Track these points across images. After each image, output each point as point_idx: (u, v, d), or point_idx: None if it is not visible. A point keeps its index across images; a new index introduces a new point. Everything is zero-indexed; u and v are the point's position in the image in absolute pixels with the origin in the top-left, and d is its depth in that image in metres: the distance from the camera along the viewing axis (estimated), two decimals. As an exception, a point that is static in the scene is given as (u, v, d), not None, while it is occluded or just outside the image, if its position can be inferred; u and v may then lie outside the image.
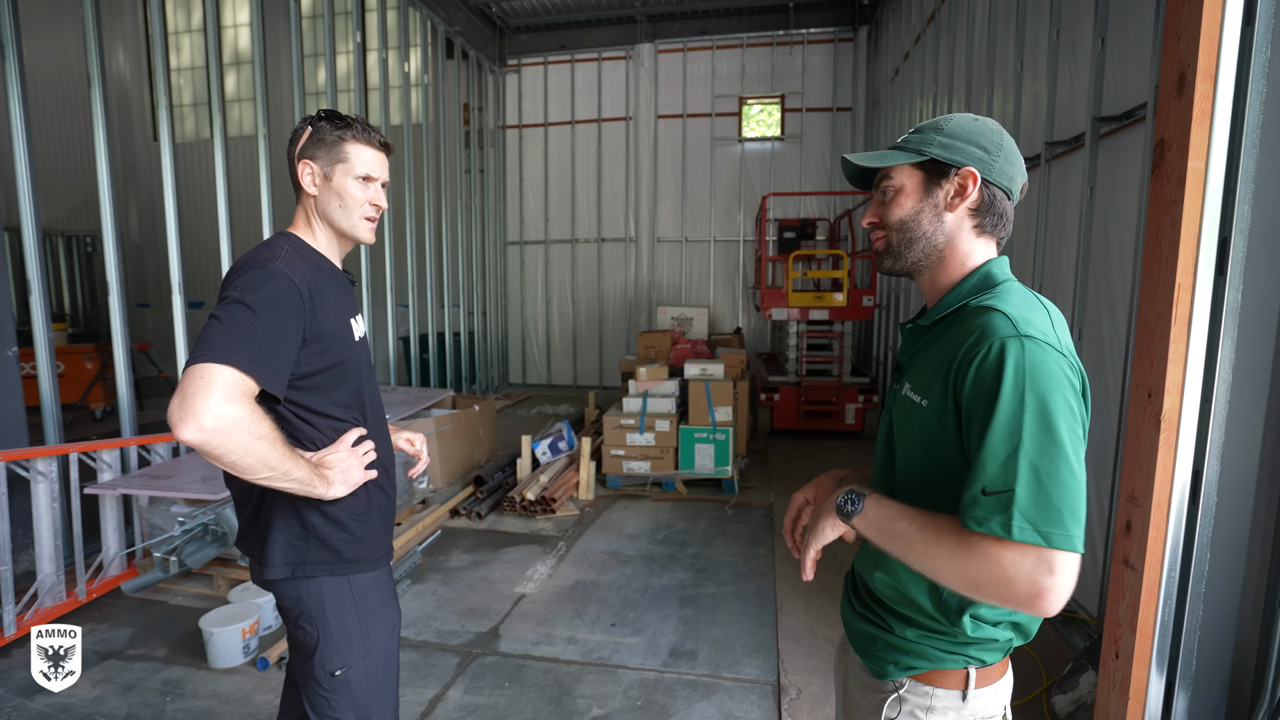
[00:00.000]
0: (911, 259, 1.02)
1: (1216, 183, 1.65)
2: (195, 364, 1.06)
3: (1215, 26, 1.61)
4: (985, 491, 0.81)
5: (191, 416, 1.02)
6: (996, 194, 0.98)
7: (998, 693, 0.99)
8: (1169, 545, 1.79)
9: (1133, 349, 2.57)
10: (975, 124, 0.99)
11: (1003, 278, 0.98)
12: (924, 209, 1.00)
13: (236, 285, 1.15)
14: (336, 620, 1.35)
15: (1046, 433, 0.81)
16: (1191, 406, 1.73)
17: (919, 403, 0.96)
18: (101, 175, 3.95)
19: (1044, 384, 0.82)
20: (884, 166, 1.01)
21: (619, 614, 3.21)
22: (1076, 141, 3.14)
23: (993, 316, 0.88)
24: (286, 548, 1.32)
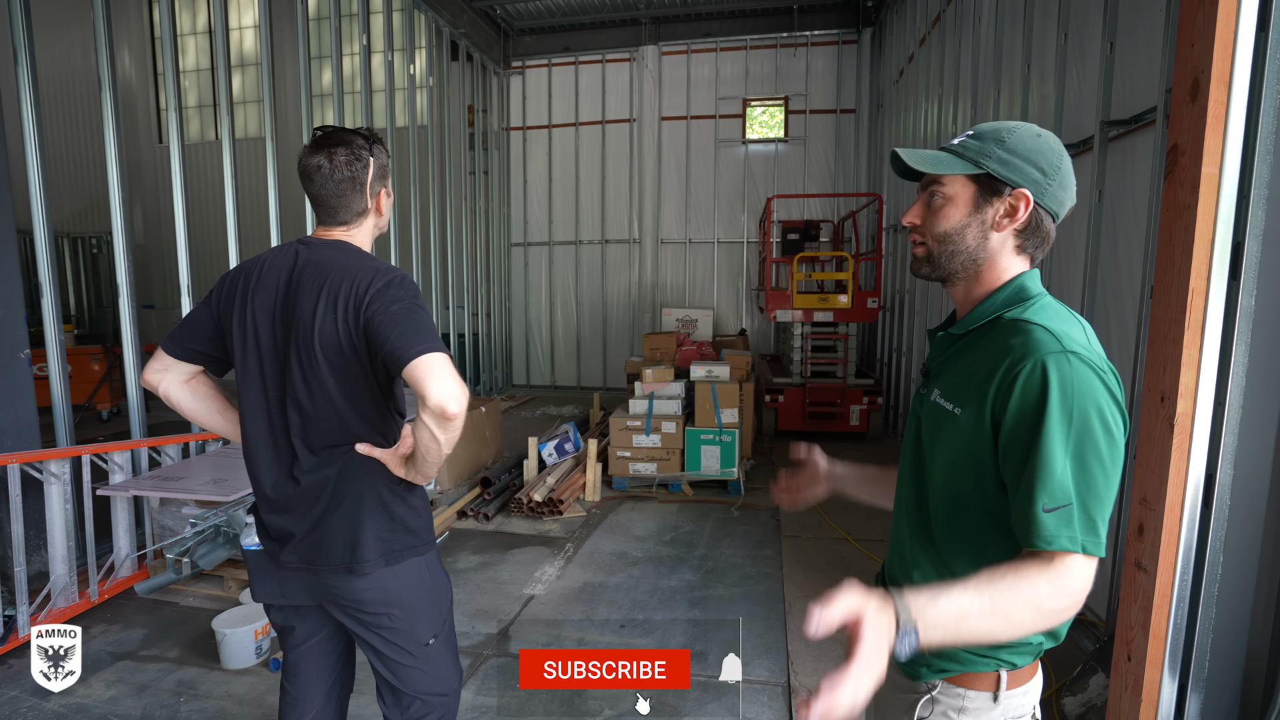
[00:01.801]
0: (949, 270, 1.02)
1: (1230, 188, 1.66)
2: (436, 352, 1.19)
3: (1229, 32, 1.61)
4: (1046, 509, 0.83)
5: (463, 392, 1.19)
6: (1044, 217, 0.98)
7: (1028, 693, 1.00)
8: (1181, 548, 1.80)
9: (1143, 351, 2.59)
10: (1038, 140, 0.97)
11: (1035, 291, 0.99)
12: (971, 224, 0.98)
13: (407, 291, 1.29)
14: (424, 596, 1.46)
15: (1092, 449, 0.83)
16: (1205, 410, 1.74)
17: (951, 410, 0.97)
18: (112, 180, 3.97)
19: (1089, 401, 0.84)
20: (937, 172, 0.99)
21: (628, 616, 3.22)
22: (1085, 144, 3.14)
23: (1035, 331, 0.89)
24: (377, 541, 1.38)
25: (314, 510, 1.37)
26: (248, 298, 1.36)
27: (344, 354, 1.30)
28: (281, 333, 1.33)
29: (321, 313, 1.29)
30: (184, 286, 4.34)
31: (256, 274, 1.37)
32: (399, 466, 1.36)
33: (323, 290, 1.29)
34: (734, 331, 9.27)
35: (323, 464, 1.36)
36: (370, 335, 1.26)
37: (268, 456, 1.39)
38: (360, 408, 1.35)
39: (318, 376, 1.31)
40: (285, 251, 1.39)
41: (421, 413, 1.19)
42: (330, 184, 1.36)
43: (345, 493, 1.36)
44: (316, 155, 1.36)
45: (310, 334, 1.29)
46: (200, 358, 1.43)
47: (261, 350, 1.35)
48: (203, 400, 1.48)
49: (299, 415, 1.34)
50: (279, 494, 1.38)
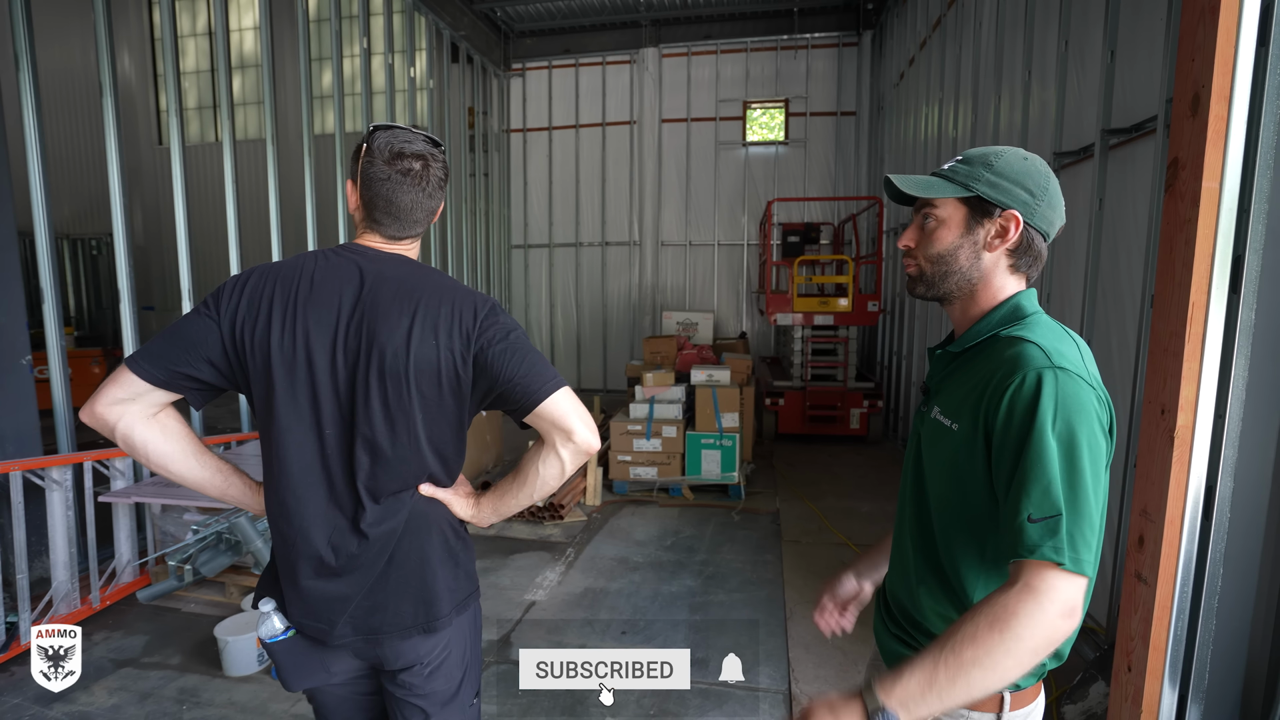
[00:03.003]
0: (944, 290, 1.05)
1: (1230, 202, 1.67)
2: (566, 386, 1.17)
3: (1230, 48, 1.62)
4: (1031, 519, 0.83)
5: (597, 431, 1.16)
6: (1035, 237, 1.01)
7: (1030, 715, 1.01)
8: (1182, 560, 1.81)
9: (1143, 361, 2.60)
10: (1025, 163, 1.00)
11: (1031, 309, 1.01)
12: (963, 245, 1.02)
13: (511, 319, 1.21)
14: (476, 646, 1.33)
15: (1078, 463, 0.84)
16: (1205, 423, 1.75)
17: (949, 426, 0.99)
18: (113, 184, 3.97)
19: (1076, 415, 0.86)
20: (928, 196, 1.02)
21: (629, 622, 3.23)
22: (1085, 152, 3.15)
23: (1025, 347, 0.91)
24: (449, 592, 1.23)
25: (377, 568, 1.18)
26: (294, 313, 1.12)
27: (441, 387, 1.15)
28: (352, 359, 1.13)
29: (418, 338, 1.12)
30: (185, 289, 4.34)
31: (301, 284, 1.14)
32: (468, 508, 1.26)
33: (417, 313, 1.13)
34: (734, 334, 9.28)
35: (388, 513, 1.17)
36: (486, 368, 1.14)
37: (321, 509, 1.16)
38: (440, 447, 1.20)
39: (405, 411, 1.13)
40: (336, 262, 1.18)
41: (560, 450, 1.16)
42: (420, 194, 1.20)
43: (412, 543, 1.20)
44: (409, 161, 1.18)
45: (403, 362, 1.11)
46: (187, 384, 1.14)
47: (317, 379, 1.12)
48: (176, 441, 1.18)
49: (370, 457, 1.14)
50: (340, 554, 1.16)
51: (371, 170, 1.17)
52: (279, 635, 1.20)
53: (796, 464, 6.04)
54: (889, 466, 6.00)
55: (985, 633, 0.81)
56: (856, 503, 4.96)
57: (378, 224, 1.21)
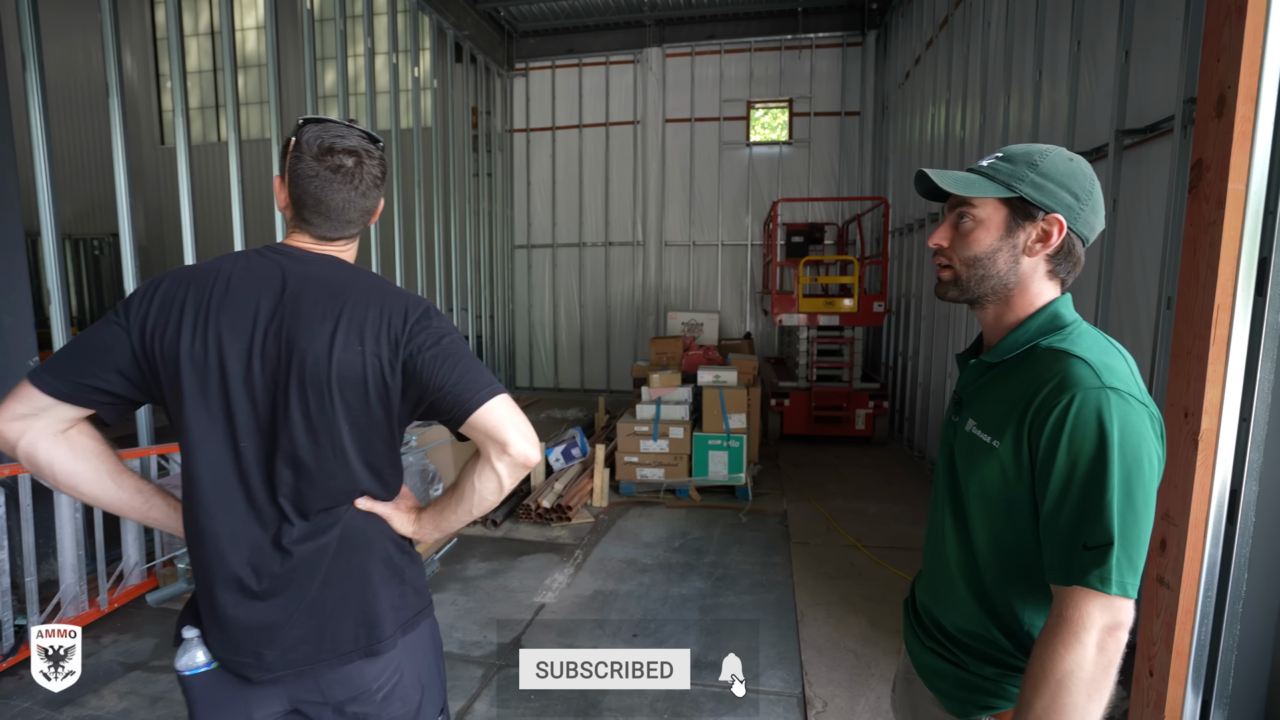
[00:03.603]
0: (979, 294, 1.00)
1: (1256, 204, 1.66)
2: (503, 393, 1.09)
3: (1257, 49, 1.61)
4: (1086, 546, 0.83)
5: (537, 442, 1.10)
6: (1076, 242, 0.97)
7: None
8: (1205, 564, 1.79)
9: (1159, 362, 2.59)
10: (1070, 165, 0.96)
11: (1071, 318, 0.97)
12: (1002, 248, 0.97)
13: (447, 323, 1.14)
14: (435, 663, 1.24)
15: (1133, 490, 0.83)
16: (1229, 426, 1.73)
17: (989, 442, 0.95)
18: (120, 185, 3.95)
19: (1132, 440, 0.84)
20: (969, 195, 0.97)
21: (640, 625, 3.22)
22: (1099, 152, 3.14)
23: (1073, 364, 0.88)
24: (393, 611, 1.14)
25: (308, 589, 1.08)
26: (205, 318, 1.04)
27: (367, 395, 1.07)
28: (271, 366, 1.05)
29: (342, 344, 1.04)
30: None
31: (216, 287, 1.06)
32: (409, 523, 1.18)
33: (340, 318, 1.05)
34: (737, 334, 9.26)
35: (316, 530, 1.09)
36: (415, 375, 1.07)
37: (238, 525, 1.07)
38: (372, 460, 1.12)
39: (329, 423, 1.05)
40: (257, 263, 1.10)
41: (495, 463, 1.08)
42: (353, 192, 1.12)
43: (349, 561, 1.11)
44: (340, 157, 1.11)
45: (324, 369, 1.04)
46: (97, 398, 1.05)
47: (231, 387, 1.04)
48: (89, 460, 1.08)
49: (292, 471, 1.06)
50: (262, 575, 1.07)
51: (299, 166, 1.10)
52: (200, 668, 1.09)
53: (802, 465, 6.02)
54: (895, 467, 5.98)
55: (1045, 693, 0.83)
56: (864, 504, 4.95)
57: (307, 223, 1.13)
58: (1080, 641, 0.82)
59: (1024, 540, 0.93)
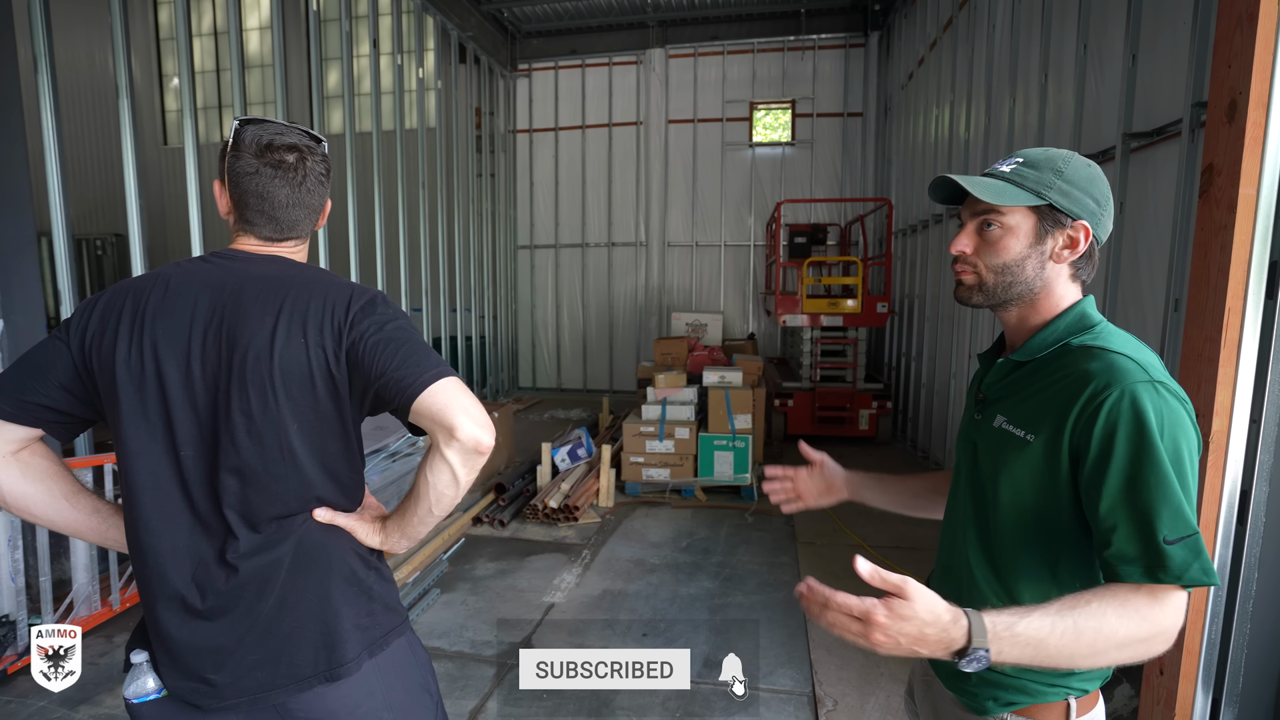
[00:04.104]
0: (1005, 299, 1.01)
1: (1268, 208, 1.68)
2: (452, 376, 1.00)
3: (1268, 55, 1.63)
4: (1168, 541, 0.82)
5: (489, 419, 1.01)
6: (1095, 247, 1.00)
7: (1096, 718, 1.00)
8: (1216, 564, 1.82)
9: (1166, 364, 2.61)
10: (1089, 171, 0.98)
11: (1097, 318, 0.99)
12: (1031, 255, 0.98)
13: (395, 310, 1.08)
14: (414, 683, 1.16)
15: (1187, 480, 0.85)
16: (1240, 428, 1.76)
17: (1023, 437, 0.96)
18: (130, 188, 3.97)
19: (1181, 432, 0.85)
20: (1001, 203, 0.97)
21: (650, 624, 3.24)
22: (1106, 155, 3.16)
23: (1116, 359, 0.89)
24: (358, 630, 1.07)
25: (260, 608, 1.01)
26: (141, 325, 1.00)
27: (314, 391, 1.01)
28: (212, 369, 1.00)
29: (283, 339, 0.99)
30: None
31: (153, 295, 1.02)
32: (374, 534, 1.11)
33: (281, 311, 1.01)
34: (740, 335, 9.28)
35: (269, 542, 1.02)
36: (358, 364, 1.01)
37: (180, 540, 1.01)
38: (326, 462, 1.05)
39: (274, 422, 0.99)
40: (197, 267, 1.06)
41: (444, 451, 0.98)
42: (297, 190, 1.08)
43: (306, 578, 1.04)
44: (281, 153, 1.07)
45: (266, 366, 0.99)
46: (45, 416, 1.02)
47: (169, 395, 0.99)
48: (43, 481, 1.04)
49: (237, 478, 1.00)
50: (207, 592, 1.00)
51: (239, 165, 1.06)
52: (148, 695, 1.02)
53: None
54: (898, 468, 6.00)
55: (1113, 618, 0.81)
56: (869, 504, 4.97)
57: (250, 225, 1.09)
58: (1174, 623, 0.83)
59: (1052, 535, 0.95)
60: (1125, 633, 0.81)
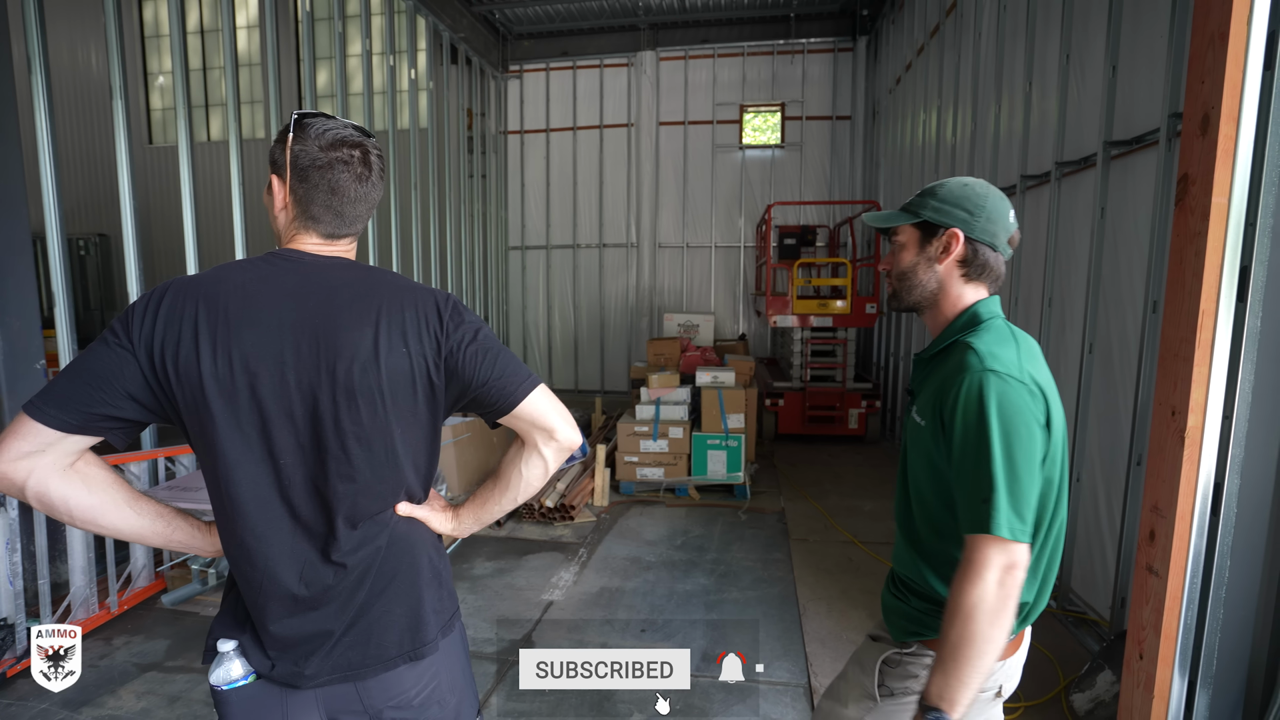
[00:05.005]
0: (912, 301, 1.26)
1: (1238, 216, 1.77)
2: (541, 382, 1.13)
3: (1238, 72, 1.73)
4: (983, 500, 1.02)
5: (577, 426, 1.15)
6: (980, 248, 1.20)
7: (994, 670, 1.16)
8: (1191, 553, 1.91)
9: (1145, 364, 2.71)
10: (964, 189, 1.20)
11: (987, 316, 1.19)
12: (920, 262, 1.23)
13: (475, 315, 1.15)
14: (467, 667, 1.25)
15: (1014, 451, 1.02)
16: (1213, 424, 1.85)
17: (919, 423, 1.18)
18: (124, 188, 3.97)
19: (1010, 412, 1.04)
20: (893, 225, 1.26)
21: (648, 621, 3.30)
22: (1086, 161, 3.27)
23: (969, 354, 1.10)
24: (434, 614, 1.15)
25: (357, 597, 1.09)
26: (229, 334, 0.99)
27: (415, 396, 1.07)
28: (309, 378, 1.01)
29: (385, 347, 1.03)
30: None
31: (231, 301, 1.01)
32: (447, 521, 1.21)
33: (380, 320, 1.03)
34: (731, 335, 9.37)
35: (366, 538, 1.08)
36: (458, 371, 1.08)
37: (286, 546, 1.05)
38: (417, 461, 1.13)
39: (382, 428, 1.05)
40: (269, 271, 1.05)
41: (543, 449, 1.13)
42: (364, 187, 1.10)
43: (396, 566, 1.12)
44: (348, 149, 1.07)
45: (374, 376, 1.02)
46: (109, 425, 0.99)
47: (263, 405, 1.00)
48: (105, 490, 1.04)
49: (349, 484, 1.05)
50: (314, 586, 1.06)
51: (307, 157, 1.05)
52: (237, 681, 1.07)
53: (798, 464, 6.14)
54: (888, 466, 6.12)
55: (959, 621, 1.01)
56: (859, 501, 5.07)
57: (314, 221, 1.09)
58: (982, 579, 1.00)
59: (943, 501, 1.15)
60: (977, 604, 1.00)
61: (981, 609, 0.99)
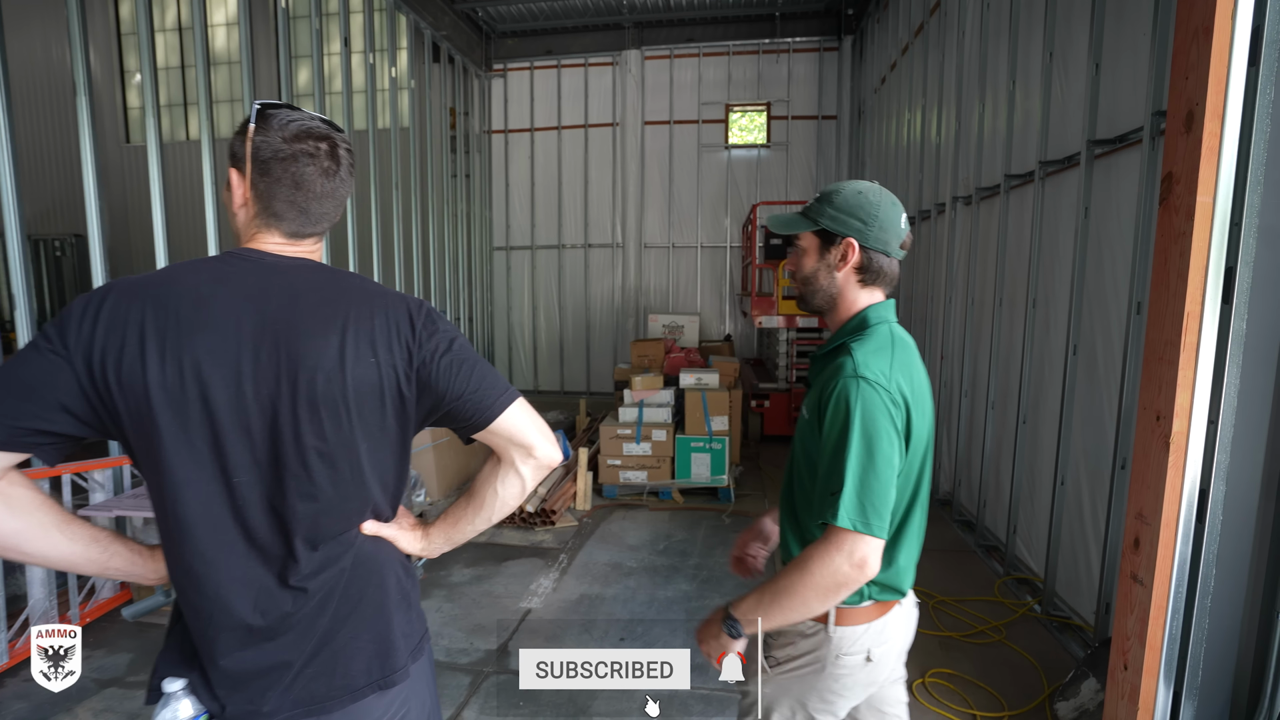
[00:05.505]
0: (815, 304, 1.33)
1: (1223, 216, 1.73)
2: (520, 396, 1.08)
3: (1223, 67, 1.68)
4: (833, 493, 1.10)
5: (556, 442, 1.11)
6: (875, 256, 1.25)
7: (858, 635, 1.26)
8: (1176, 561, 1.87)
9: (1130, 366, 2.67)
10: (859, 197, 1.24)
11: (875, 321, 1.26)
12: (820, 268, 1.29)
13: (449, 324, 1.08)
14: (434, 692, 1.19)
15: (868, 452, 1.10)
16: (1199, 429, 1.81)
17: (806, 418, 1.26)
18: (89, 187, 3.85)
19: (869, 416, 1.11)
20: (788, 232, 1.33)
21: (627, 628, 3.23)
22: (1070, 161, 3.23)
23: (845, 360, 1.17)
24: (403, 639, 1.08)
25: (319, 624, 1.00)
26: (179, 341, 0.91)
27: (383, 409, 1.00)
28: (268, 390, 0.94)
29: (352, 356, 0.96)
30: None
31: (182, 305, 0.93)
32: (416, 540, 1.13)
33: (347, 327, 0.97)
34: (717, 336, 9.32)
35: (329, 560, 1.01)
36: (430, 383, 1.01)
37: (239, 571, 0.97)
38: (384, 478, 1.06)
39: (347, 444, 0.98)
40: (226, 272, 0.97)
41: (520, 466, 1.08)
42: (332, 182, 1.03)
43: (363, 588, 1.04)
44: (315, 142, 1.01)
45: (339, 387, 0.95)
46: (39, 441, 0.90)
47: (217, 418, 0.92)
48: (31, 513, 0.93)
49: (309, 501, 0.97)
50: (270, 616, 0.98)
51: (270, 149, 0.98)
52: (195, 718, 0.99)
53: (783, 466, 6.08)
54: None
55: (791, 573, 1.13)
56: (844, 504, 5.02)
57: (277, 218, 1.01)
58: (829, 556, 1.10)
59: (810, 480, 1.23)
60: (807, 578, 1.11)
61: (817, 579, 1.10)
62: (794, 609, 1.13)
